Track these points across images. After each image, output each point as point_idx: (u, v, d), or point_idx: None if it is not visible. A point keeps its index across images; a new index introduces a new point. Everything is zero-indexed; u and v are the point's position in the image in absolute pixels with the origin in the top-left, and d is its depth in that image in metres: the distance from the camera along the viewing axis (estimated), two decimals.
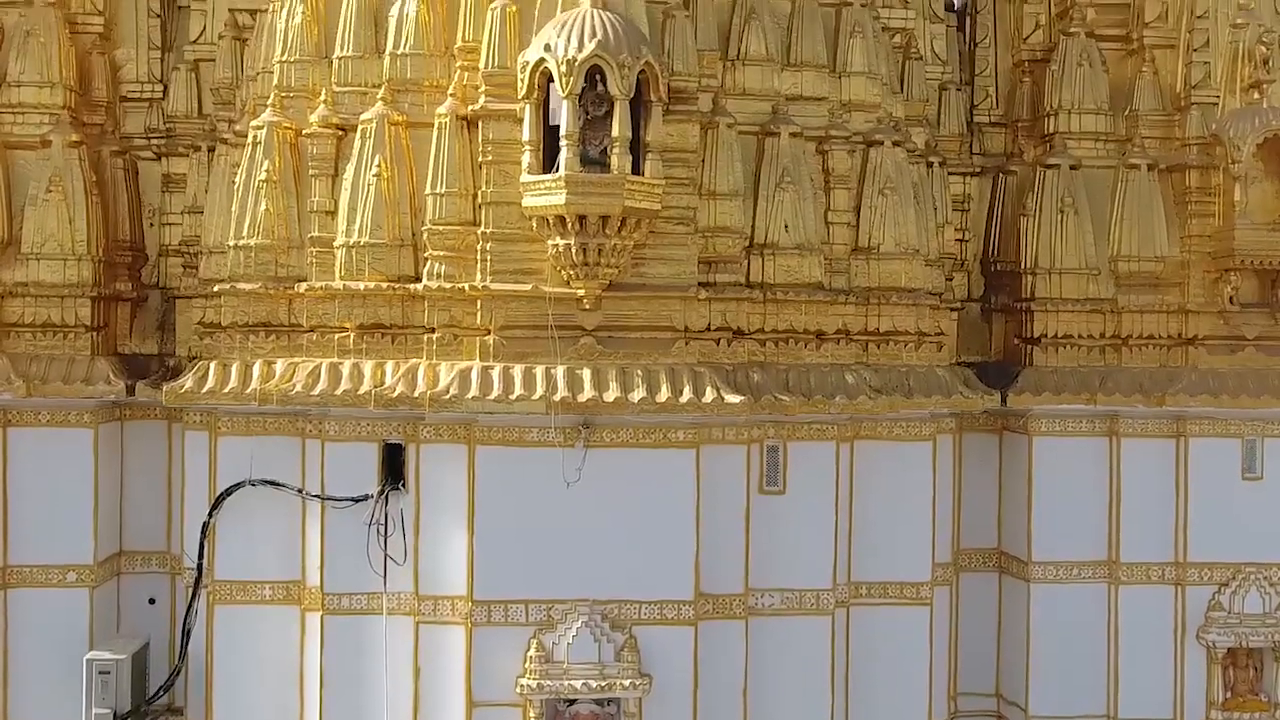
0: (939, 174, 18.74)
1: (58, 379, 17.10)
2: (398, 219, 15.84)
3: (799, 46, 16.80)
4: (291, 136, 16.46)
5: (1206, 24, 18.34)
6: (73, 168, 17.52)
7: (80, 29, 18.57)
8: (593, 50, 14.45)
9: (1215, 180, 18.01)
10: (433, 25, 16.19)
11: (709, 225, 15.87)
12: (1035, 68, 19.61)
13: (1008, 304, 18.98)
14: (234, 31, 18.53)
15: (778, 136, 16.35)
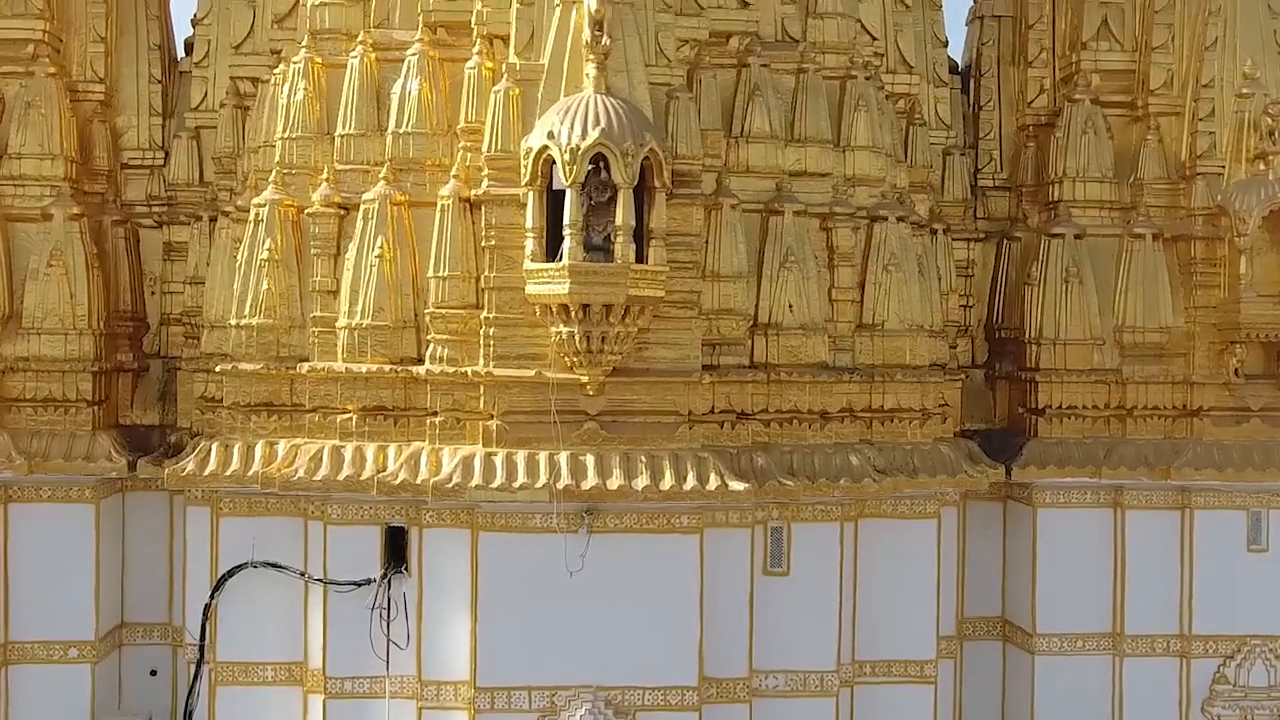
0: (943, 241, 18.70)
1: (59, 456, 17.05)
2: (400, 300, 15.78)
3: (803, 121, 16.72)
4: (293, 214, 16.40)
5: (1212, 93, 18.27)
6: (74, 241, 17.47)
7: (81, 97, 18.53)
8: (596, 138, 14.37)
9: (1220, 251, 17.94)
10: (435, 103, 16.13)
11: (713, 308, 15.81)
12: (1040, 132, 19.57)
13: (1012, 371, 18.93)
14: (235, 100, 18.47)
15: (782, 215, 16.30)
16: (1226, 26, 18.28)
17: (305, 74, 16.56)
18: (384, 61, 16.47)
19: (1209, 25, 18.29)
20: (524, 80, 15.41)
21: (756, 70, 16.50)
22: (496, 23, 15.89)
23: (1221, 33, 18.27)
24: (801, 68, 16.77)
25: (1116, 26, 19.03)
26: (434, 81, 16.16)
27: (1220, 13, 18.29)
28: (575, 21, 15.12)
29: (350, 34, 16.75)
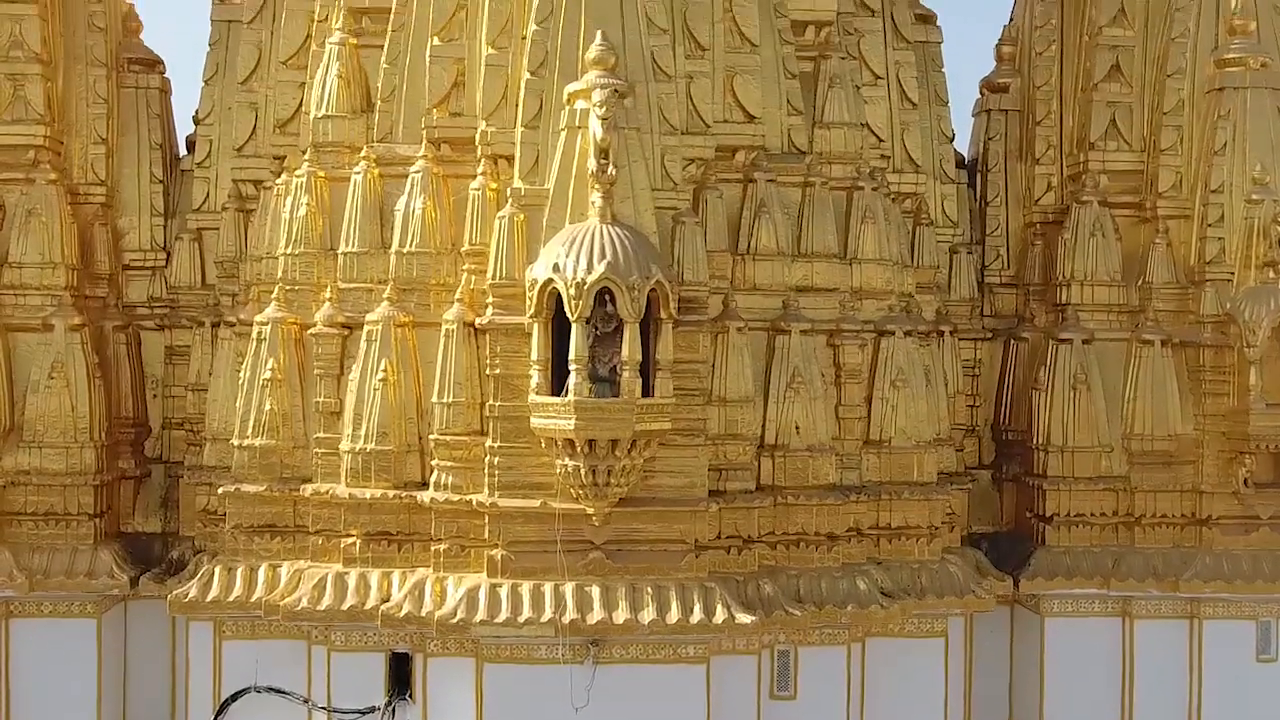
0: (949, 343, 18.62)
1: (60, 573, 16.95)
2: (404, 425, 15.66)
3: (809, 236, 16.59)
4: (296, 331, 16.29)
5: (1221, 198, 18.11)
6: (74, 353, 17.35)
7: (82, 199, 18.47)
8: (602, 273, 14.23)
9: (1229, 359, 17.79)
10: (439, 221, 16.01)
11: (719, 433, 15.66)
12: (1047, 230, 19.48)
13: (1019, 474, 18.83)
14: (238, 202, 18.39)
15: (788, 334, 16.16)
16: (1235, 130, 18.12)
17: (308, 188, 16.46)
18: (387, 177, 16.35)
19: (1218, 129, 18.15)
20: (529, 205, 15.27)
21: (763, 186, 16.36)
22: (501, 143, 15.74)
23: (1230, 137, 18.11)
24: (808, 181, 16.64)
25: (1125, 126, 18.90)
26: (437, 199, 16.04)
27: (1229, 116, 18.13)
28: (580, 147, 14.97)
29: (353, 146, 16.64)
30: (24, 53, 17.83)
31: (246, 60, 18.56)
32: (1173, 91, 18.57)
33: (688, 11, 16.09)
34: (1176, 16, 18.66)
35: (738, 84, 16.47)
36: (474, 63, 16.23)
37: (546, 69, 15.34)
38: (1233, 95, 18.15)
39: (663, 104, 15.47)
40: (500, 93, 15.83)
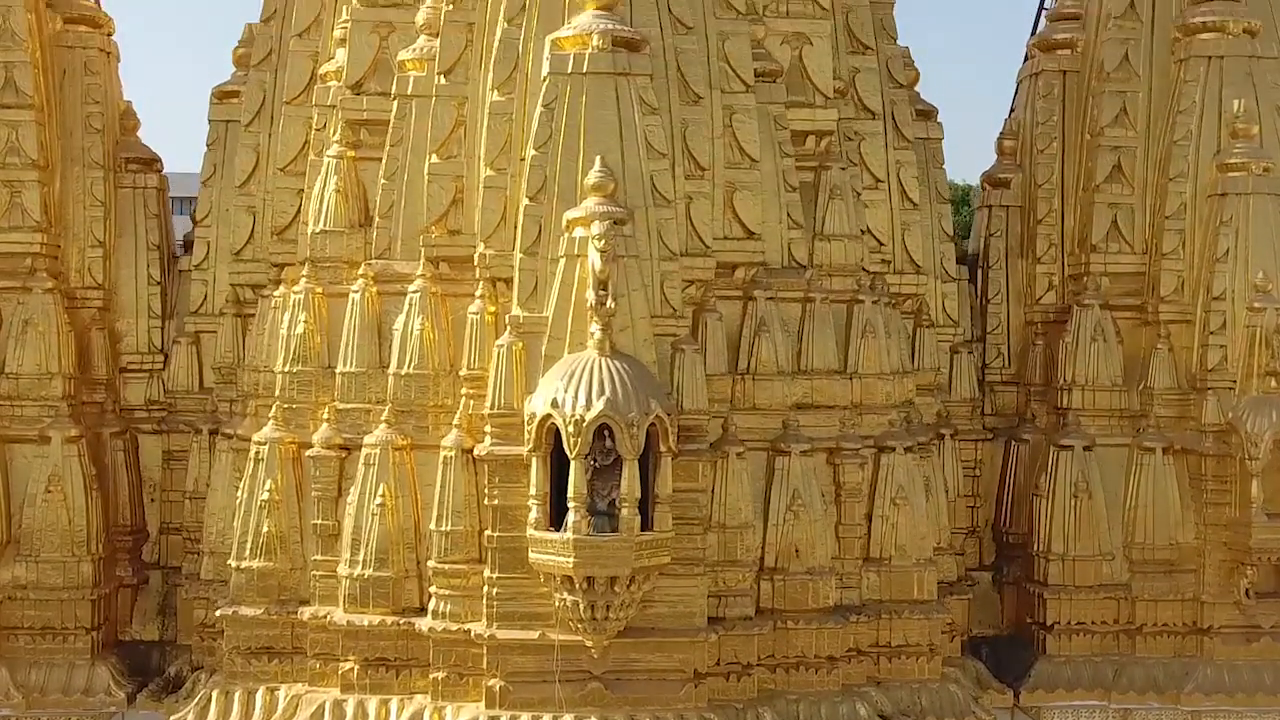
0: (950, 447, 18.56)
1: (57, 690, 16.94)
2: (403, 550, 15.58)
3: (810, 353, 16.49)
4: (294, 451, 16.20)
5: (1224, 305, 18.05)
6: (71, 465, 17.32)
7: (79, 304, 18.44)
8: (601, 410, 14.12)
9: (1231, 469, 17.70)
10: (437, 342, 15.94)
11: (718, 559, 15.56)
12: (1048, 329, 19.45)
13: (1020, 577, 18.78)
14: (236, 307, 18.38)
15: (788, 455, 16.08)
16: (1238, 237, 18.05)
17: (305, 305, 16.39)
18: (385, 295, 16.26)
19: (1220, 235, 18.09)
20: (527, 333, 15.17)
21: (762, 304, 16.27)
22: (500, 267, 15.66)
23: (1233, 243, 18.05)
24: (808, 296, 16.55)
25: (1126, 228, 18.88)
26: (436, 320, 15.96)
27: (1231, 223, 18.07)
28: (579, 275, 14.86)
29: (351, 261, 16.57)
30: (20, 159, 17.82)
31: (244, 163, 18.55)
32: (1175, 195, 18.52)
33: (687, 131, 16.00)
34: (1179, 119, 18.61)
35: (737, 200, 16.39)
36: (473, 179, 16.16)
37: (545, 194, 15.24)
38: (1235, 201, 18.09)
39: (662, 229, 15.36)
40: (499, 214, 15.75)
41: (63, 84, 18.64)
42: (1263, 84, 18.64)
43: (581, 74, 15.10)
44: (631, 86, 15.19)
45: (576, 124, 15.12)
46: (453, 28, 16.35)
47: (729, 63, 16.51)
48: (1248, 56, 18.62)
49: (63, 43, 18.78)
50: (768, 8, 17.25)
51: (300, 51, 18.15)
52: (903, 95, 19.17)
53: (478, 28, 16.33)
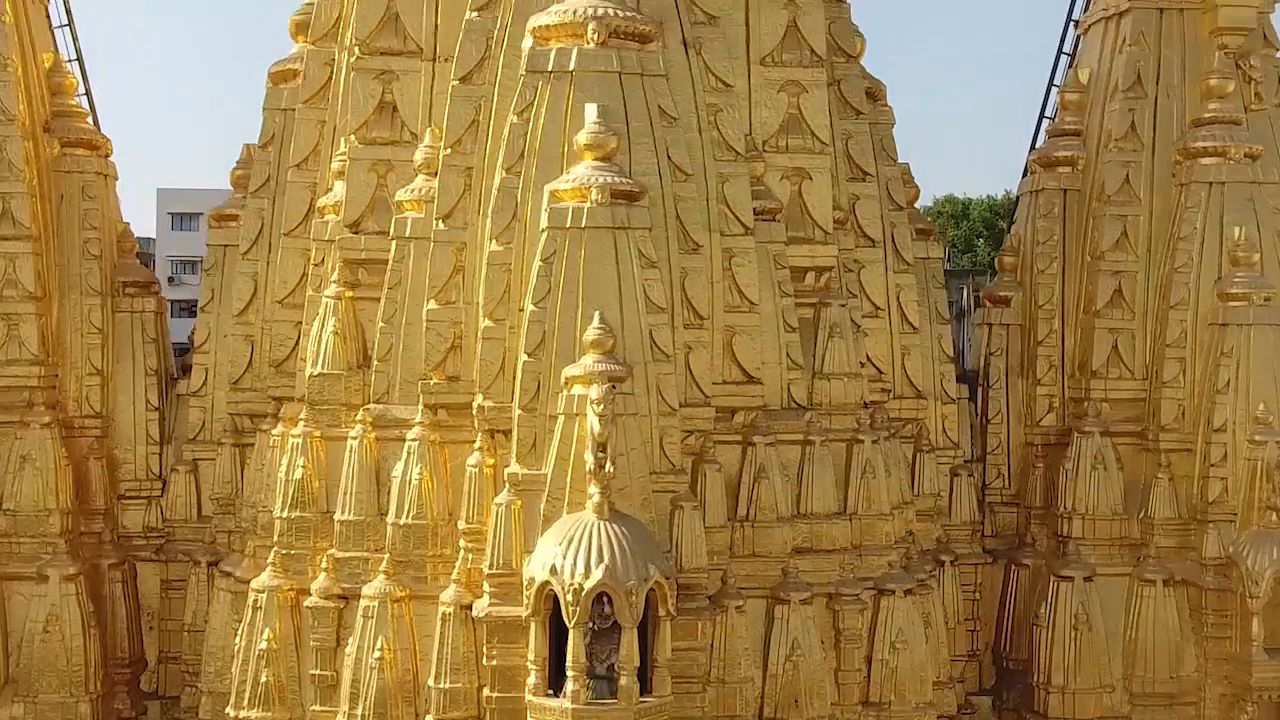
0: (950, 574, 18.51)
1: None
2: (401, 705, 15.50)
3: (809, 497, 16.43)
4: (292, 598, 16.15)
5: (1224, 438, 18.02)
6: (69, 604, 17.30)
7: (78, 433, 18.42)
8: (600, 579, 14.03)
9: (1231, 603, 17.66)
10: (436, 491, 15.88)
11: (717, 714, 15.51)
12: (1049, 451, 19.42)
13: (1019, 706, 18.72)
14: (234, 437, 18.33)
15: (788, 604, 16.01)
16: (1238, 369, 18.03)
17: (304, 450, 16.34)
18: (384, 440, 16.22)
19: (1221, 367, 18.06)
20: (526, 491, 15.09)
21: (762, 450, 16.21)
22: (499, 419, 15.60)
23: (1234, 375, 18.03)
24: (808, 439, 16.48)
25: (1127, 353, 18.85)
26: (434, 468, 15.90)
27: (1233, 354, 18.05)
28: (578, 434, 14.79)
29: (350, 404, 16.53)
30: (18, 291, 17.81)
31: (242, 291, 18.51)
32: (1175, 322, 18.50)
33: (686, 280, 15.94)
34: (1180, 245, 18.58)
35: (737, 345, 16.33)
36: (471, 325, 16.11)
37: (544, 350, 15.16)
38: (1236, 332, 18.06)
39: (661, 385, 15.28)
40: (497, 365, 15.68)
41: (60, 210, 18.61)
42: (1264, 210, 18.62)
43: (580, 228, 15.02)
44: (630, 240, 15.12)
45: (575, 279, 15.04)
46: (450, 172, 16.29)
47: (728, 205, 16.46)
48: (1249, 182, 18.61)
49: (60, 168, 18.77)
50: (767, 143, 17.19)
51: (298, 182, 18.09)
52: (902, 216, 19.14)
53: (476, 172, 16.28)
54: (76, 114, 19.08)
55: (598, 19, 15.63)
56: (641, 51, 15.87)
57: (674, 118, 15.95)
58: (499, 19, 16.37)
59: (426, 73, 17.01)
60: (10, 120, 17.90)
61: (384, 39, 17.04)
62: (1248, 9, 19.17)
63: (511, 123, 15.75)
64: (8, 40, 18.10)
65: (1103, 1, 20.20)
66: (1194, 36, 19.41)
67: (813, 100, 17.30)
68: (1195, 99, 19.18)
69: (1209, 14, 19.24)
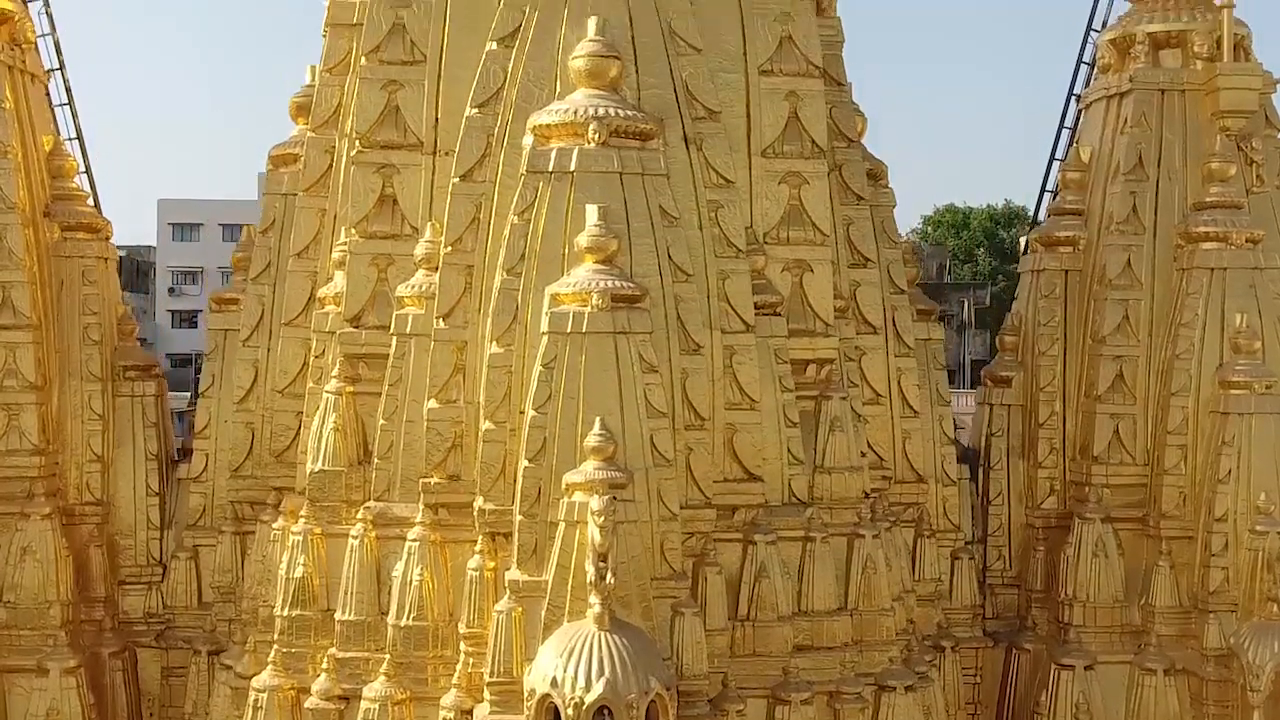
0: (951, 661, 18.49)
1: None
2: None
3: (810, 594, 16.40)
4: (293, 696, 16.15)
5: (1225, 527, 17.96)
6: (70, 698, 17.31)
7: (78, 520, 18.37)
8: (601, 693, 14.00)
9: (1232, 693, 17.59)
10: (437, 592, 15.88)
11: None
12: (1049, 534, 19.41)
13: None
14: (235, 525, 18.34)
15: (788, 704, 15.99)
16: (1240, 458, 17.97)
17: (305, 548, 16.35)
18: (384, 539, 16.23)
19: (1222, 456, 18.00)
20: (526, 597, 15.08)
21: (763, 549, 16.17)
22: (500, 523, 15.59)
23: (1235, 464, 17.97)
24: (808, 535, 16.47)
25: (1129, 439, 18.84)
26: (435, 569, 15.91)
27: (1234, 443, 17.99)
28: (579, 541, 14.77)
29: (351, 500, 16.53)
30: (18, 381, 17.79)
31: (243, 378, 18.52)
32: (1177, 409, 18.47)
33: (687, 382, 15.93)
34: (1181, 331, 18.55)
35: (738, 442, 16.33)
36: (472, 424, 16.10)
37: (545, 456, 15.13)
38: (1238, 421, 18.01)
39: (662, 490, 15.25)
40: (498, 467, 15.67)
41: (60, 295, 18.59)
42: (1265, 295, 18.60)
43: (581, 333, 15.00)
44: (631, 344, 15.10)
45: (576, 384, 15.02)
46: (451, 271, 16.28)
47: (729, 302, 16.45)
48: (1250, 268, 18.56)
49: (60, 252, 18.73)
50: (768, 235, 17.17)
51: (299, 271, 18.07)
52: (903, 299, 19.13)
53: (476, 270, 16.27)
54: (77, 197, 19.04)
55: (598, 119, 15.61)
56: (642, 150, 15.86)
57: (675, 217, 15.95)
58: (500, 116, 16.37)
59: (427, 166, 16.99)
60: (11, 208, 17.88)
61: (384, 132, 17.04)
62: (1249, 92, 19.15)
63: (512, 223, 15.73)
64: (8, 126, 18.07)
65: (1104, 80, 20.16)
66: (1195, 118, 19.38)
67: (814, 191, 17.28)
68: (1197, 181, 19.14)
69: (1210, 96, 19.20)
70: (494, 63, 16.43)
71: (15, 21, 18.81)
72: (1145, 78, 19.48)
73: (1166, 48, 19.69)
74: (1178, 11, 19.67)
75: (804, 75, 17.32)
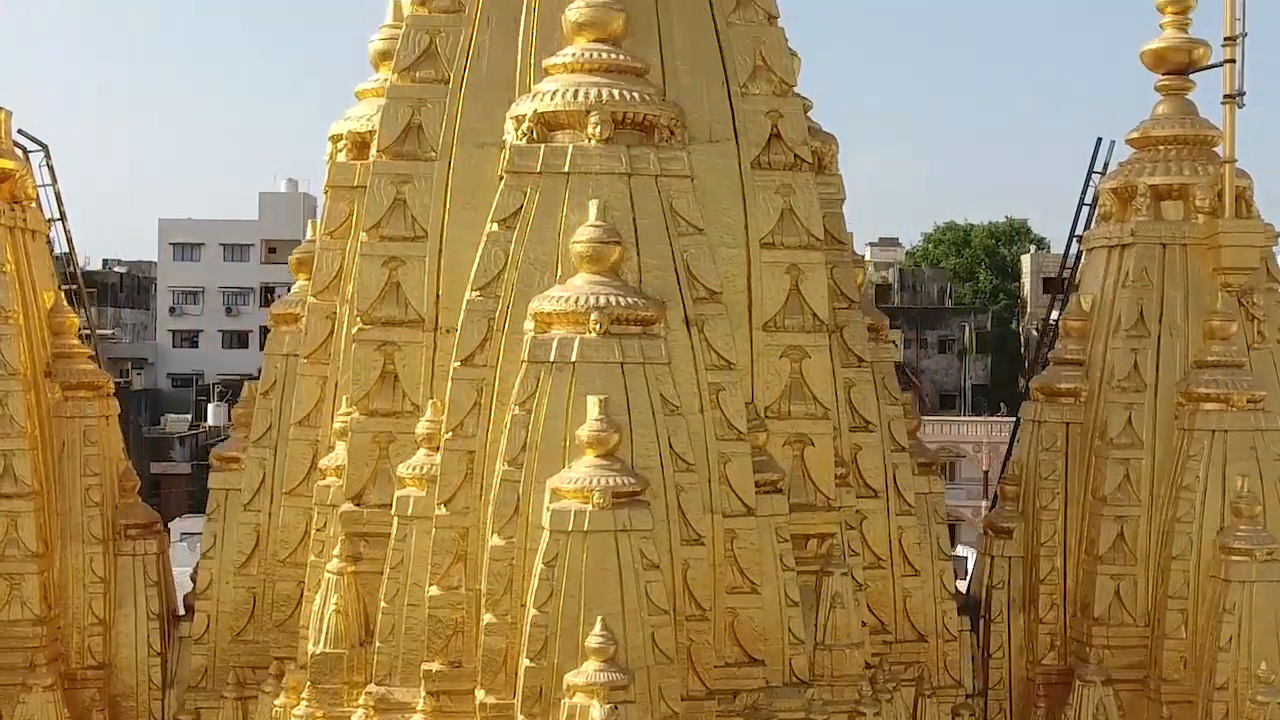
0: None
1: None
2: None
3: None
4: None
5: (1226, 695, 17.94)
6: None
7: (80, 685, 18.40)
8: None
9: None
10: None
11: None
12: (1050, 690, 19.40)
13: None
14: (236, 690, 18.35)
15: None
16: (1241, 626, 17.95)
17: None
18: None
19: (1223, 623, 18.00)
20: None
21: None
22: (502, 718, 15.56)
23: (1236, 632, 17.95)
24: (809, 717, 16.48)
25: (1130, 599, 18.85)
26: None
27: (1235, 610, 17.97)
28: None
29: (352, 681, 16.56)
30: (19, 551, 17.76)
31: (244, 542, 18.57)
32: (1178, 573, 18.47)
33: (689, 572, 15.94)
34: (1183, 495, 18.55)
35: (739, 626, 16.33)
36: (473, 611, 16.09)
37: (546, 655, 15.08)
38: (1239, 589, 17.99)
39: (664, 688, 15.25)
40: (500, 660, 15.65)
41: (61, 456, 18.58)
42: (1266, 457, 18.60)
43: (583, 532, 15.02)
44: (632, 542, 15.11)
45: (578, 583, 15.03)
46: (452, 456, 16.28)
47: (730, 484, 16.46)
48: (1251, 430, 18.56)
49: (62, 413, 18.71)
50: (769, 409, 17.18)
51: (300, 439, 18.10)
52: (904, 456, 19.13)
53: (478, 457, 16.28)
54: (78, 354, 19.01)
55: (599, 309, 15.63)
56: (643, 338, 15.87)
57: (676, 405, 15.95)
58: (501, 299, 16.38)
59: (428, 343, 17.02)
60: (13, 374, 17.87)
61: (385, 309, 17.06)
62: (1251, 249, 19.16)
63: (514, 414, 15.75)
64: (9, 291, 18.06)
65: (1106, 228, 20.14)
66: (1197, 271, 19.38)
67: (815, 365, 17.30)
68: (1198, 335, 19.15)
69: (1212, 251, 19.20)
70: (495, 245, 16.44)
71: (16, 179, 18.80)
72: (1147, 232, 19.47)
73: (1168, 199, 19.68)
74: (1179, 164, 19.65)
75: (805, 248, 17.35)
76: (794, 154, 17.48)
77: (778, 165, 17.44)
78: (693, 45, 17.47)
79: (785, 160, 17.45)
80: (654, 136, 16.64)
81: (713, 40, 17.58)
